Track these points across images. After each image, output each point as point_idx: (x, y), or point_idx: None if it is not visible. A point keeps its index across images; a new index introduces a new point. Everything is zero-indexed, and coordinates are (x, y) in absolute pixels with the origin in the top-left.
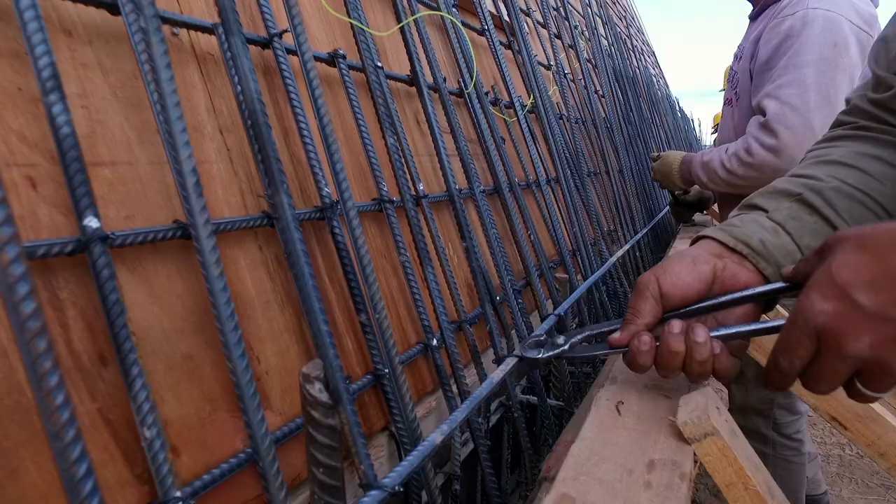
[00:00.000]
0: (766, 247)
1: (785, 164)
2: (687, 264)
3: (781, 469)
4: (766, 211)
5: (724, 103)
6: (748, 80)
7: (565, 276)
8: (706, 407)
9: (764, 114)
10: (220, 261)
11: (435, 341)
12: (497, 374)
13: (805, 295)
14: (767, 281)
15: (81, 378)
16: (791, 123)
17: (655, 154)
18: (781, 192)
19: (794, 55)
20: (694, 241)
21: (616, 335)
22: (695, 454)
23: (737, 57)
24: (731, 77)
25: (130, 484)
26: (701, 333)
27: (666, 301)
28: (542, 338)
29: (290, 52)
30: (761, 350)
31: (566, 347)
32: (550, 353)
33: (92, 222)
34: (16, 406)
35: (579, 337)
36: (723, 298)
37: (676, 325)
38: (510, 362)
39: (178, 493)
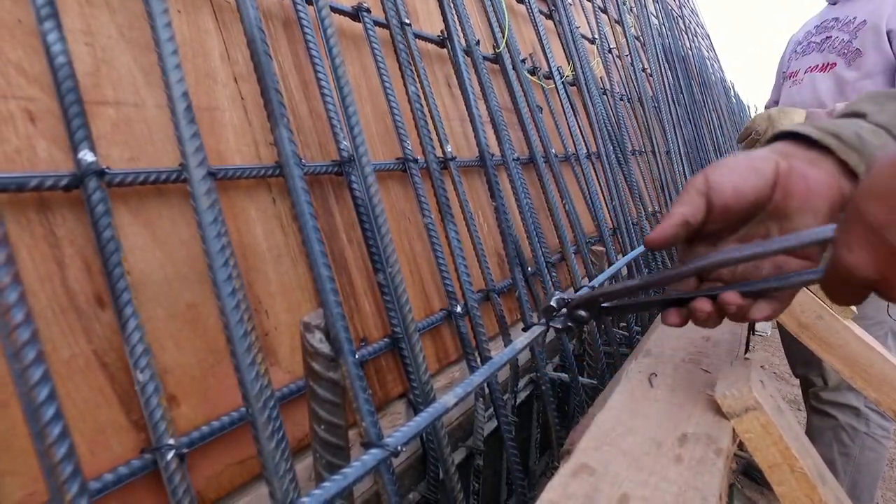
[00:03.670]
0: (863, 142)
1: None
2: (742, 159)
3: (870, 449)
4: (864, 116)
5: (806, 71)
6: (878, 38)
7: (602, 248)
8: (748, 379)
9: None
10: (215, 206)
11: (459, 308)
12: (522, 340)
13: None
14: (850, 184)
15: (77, 318)
16: None
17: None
18: (889, 95)
19: None
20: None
21: (651, 233)
22: (734, 431)
23: (840, 23)
24: (815, 46)
25: (126, 429)
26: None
27: (715, 194)
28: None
29: (310, 3)
30: None
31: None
32: (575, 297)
33: (87, 156)
34: None
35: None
36: (776, 244)
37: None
38: (537, 330)
39: (171, 441)
